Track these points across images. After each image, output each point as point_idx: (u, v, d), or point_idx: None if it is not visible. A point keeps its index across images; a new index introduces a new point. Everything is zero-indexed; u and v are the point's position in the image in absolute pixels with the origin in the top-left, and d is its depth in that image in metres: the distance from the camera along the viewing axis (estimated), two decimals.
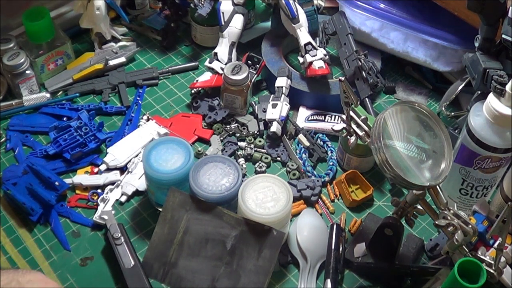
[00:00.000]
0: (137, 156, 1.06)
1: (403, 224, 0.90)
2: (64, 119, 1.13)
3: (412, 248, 0.95)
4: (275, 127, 1.08)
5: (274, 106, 1.10)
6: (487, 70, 0.93)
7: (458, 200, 0.97)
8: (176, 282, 0.90)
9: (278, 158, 1.08)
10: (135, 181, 1.03)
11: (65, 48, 1.20)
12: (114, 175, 1.04)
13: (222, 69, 1.13)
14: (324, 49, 1.16)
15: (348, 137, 0.91)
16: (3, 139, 1.10)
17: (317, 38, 1.18)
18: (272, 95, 1.13)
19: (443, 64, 1.16)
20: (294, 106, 1.14)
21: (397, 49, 1.18)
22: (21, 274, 0.75)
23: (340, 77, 0.89)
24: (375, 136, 0.81)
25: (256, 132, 1.12)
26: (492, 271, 0.80)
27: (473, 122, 0.88)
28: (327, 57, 1.14)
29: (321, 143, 1.10)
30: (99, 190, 1.03)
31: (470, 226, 0.79)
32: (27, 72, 1.14)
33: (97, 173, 1.05)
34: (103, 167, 1.05)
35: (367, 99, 1.12)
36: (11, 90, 1.17)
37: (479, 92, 0.97)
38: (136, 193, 1.03)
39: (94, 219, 0.98)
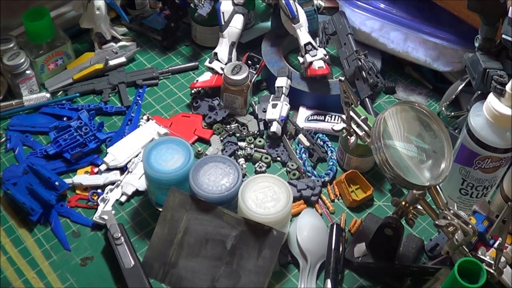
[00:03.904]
0: (137, 156, 1.06)
1: (403, 224, 0.90)
2: (64, 119, 1.13)
3: (412, 248, 0.95)
4: (275, 127, 1.08)
5: (274, 106, 1.10)
6: (487, 70, 0.93)
7: (458, 200, 0.97)
8: (176, 282, 0.90)
9: (278, 158, 1.08)
10: (135, 181, 1.03)
11: (65, 48, 1.20)
12: (114, 175, 1.04)
13: (222, 69, 1.13)
14: (324, 49, 1.16)
15: (348, 137, 0.91)
16: (3, 139, 1.10)
17: (317, 38, 1.18)
18: (272, 95, 1.13)
19: (443, 64, 1.16)
20: (294, 106, 1.14)
21: (397, 49, 1.18)
22: None
23: (340, 77, 0.89)
24: (375, 136, 0.81)
25: (256, 132, 1.12)
26: (492, 271, 0.80)
27: (473, 122, 0.88)
28: (327, 57, 1.14)
29: (321, 143, 1.10)
30: (99, 190, 1.03)
31: (470, 226, 0.79)
32: (27, 72, 1.14)
33: (97, 173, 1.05)
34: (103, 167, 1.05)
35: (367, 99, 1.12)
36: (11, 90, 1.17)
37: (479, 92, 0.97)
38: (136, 193, 1.03)
39: (94, 219, 0.98)
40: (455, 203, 0.92)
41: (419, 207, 0.86)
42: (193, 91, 1.19)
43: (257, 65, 1.16)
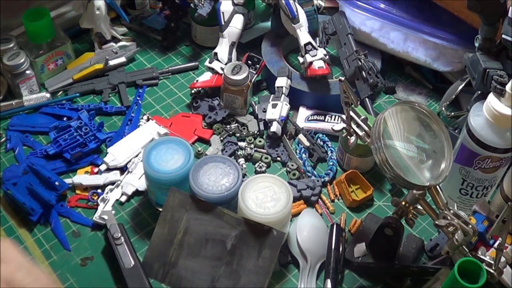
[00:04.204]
0: (137, 156, 1.06)
1: (403, 224, 0.90)
2: (64, 119, 1.12)
3: (412, 248, 0.95)
4: (275, 127, 1.08)
5: (274, 106, 1.10)
6: (487, 70, 0.93)
7: (458, 200, 0.97)
8: (176, 282, 0.90)
9: (278, 158, 1.08)
10: (135, 181, 1.03)
11: (65, 48, 1.20)
12: (114, 175, 1.04)
13: (222, 69, 1.13)
14: (324, 49, 1.16)
15: (348, 137, 0.91)
16: (3, 139, 1.10)
17: (317, 38, 1.18)
18: (272, 95, 1.13)
19: (443, 64, 1.16)
20: (294, 106, 1.14)
21: (397, 49, 1.18)
22: None
23: (340, 77, 0.89)
24: (375, 136, 0.81)
25: (256, 132, 1.12)
26: (492, 271, 0.79)
27: (473, 122, 0.88)
28: (327, 57, 1.14)
29: (321, 143, 1.10)
30: (99, 190, 1.03)
31: (470, 226, 0.79)
32: (27, 72, 1.14)
33: (97, 173, 1.05)
34: (103, 167, 1.05)
35: (367, 99, 1.12)
36: (11, 90, 1.17)
37: (479, 92, 0.97)
38: (136, 193, 1.03)
39: (94, 219, 0.98)
40: (455, 203, 0.92)
41: (419, 207, 0.86)
42: (193, 91, 1.19)
43: (257, 65, 1.16)
